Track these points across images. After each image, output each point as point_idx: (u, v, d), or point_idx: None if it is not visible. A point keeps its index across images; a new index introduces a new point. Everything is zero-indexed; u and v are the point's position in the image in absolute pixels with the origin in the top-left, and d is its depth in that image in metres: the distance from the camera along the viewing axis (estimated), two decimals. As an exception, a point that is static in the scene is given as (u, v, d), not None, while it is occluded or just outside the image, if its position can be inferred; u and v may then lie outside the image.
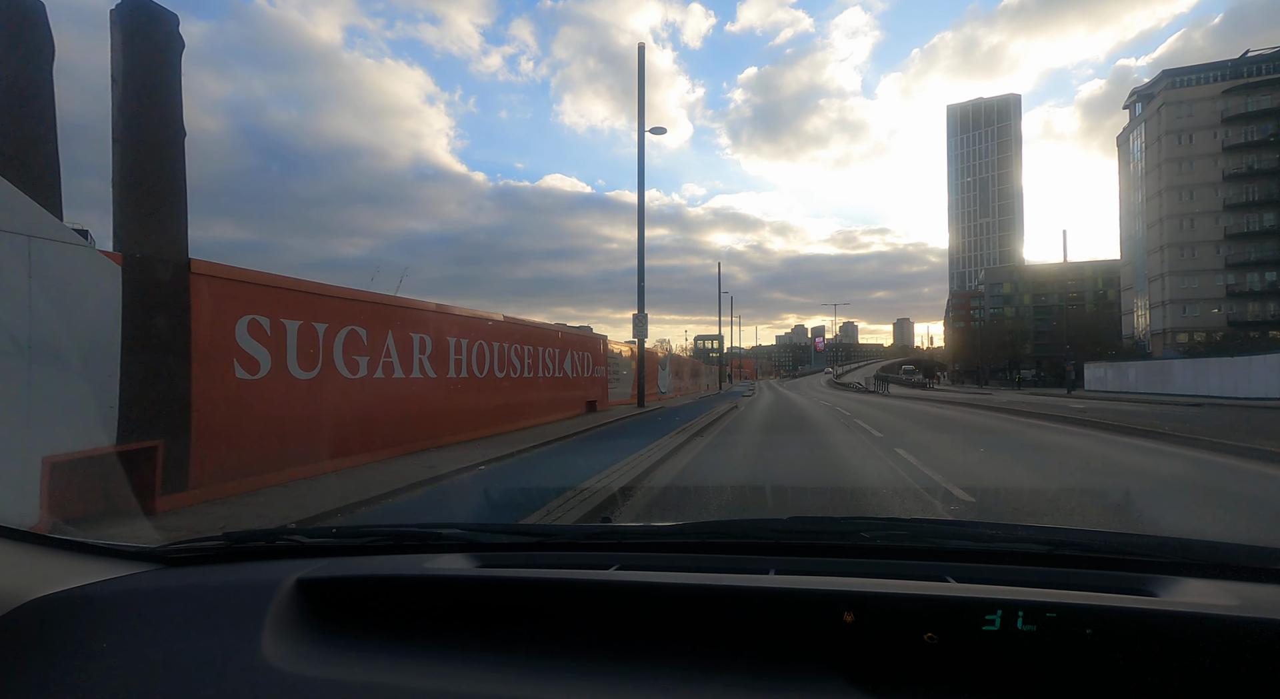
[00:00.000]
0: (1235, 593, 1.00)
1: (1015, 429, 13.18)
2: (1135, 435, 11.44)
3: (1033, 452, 9.50)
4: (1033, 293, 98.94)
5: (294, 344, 6.23)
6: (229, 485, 5.37)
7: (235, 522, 4.55)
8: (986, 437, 11.92)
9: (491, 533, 1.48)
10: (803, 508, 5.65)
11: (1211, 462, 8.32)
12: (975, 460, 8.85)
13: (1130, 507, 5.77)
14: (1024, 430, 12.84)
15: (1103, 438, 11.28)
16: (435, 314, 9.11)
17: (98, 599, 1.18)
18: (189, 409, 5.06)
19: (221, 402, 5.38)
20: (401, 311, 8.29)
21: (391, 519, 4.91)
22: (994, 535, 1.35)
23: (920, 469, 7.48)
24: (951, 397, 33.49)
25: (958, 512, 5.50)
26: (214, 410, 5.28)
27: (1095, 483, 6.93)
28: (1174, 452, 9.35)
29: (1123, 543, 1.33)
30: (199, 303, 5.20)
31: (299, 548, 1.43)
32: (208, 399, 5.23)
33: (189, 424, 5.03)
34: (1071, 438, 11.36)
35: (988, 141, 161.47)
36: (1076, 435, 11.79)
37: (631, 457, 7.99)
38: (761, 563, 1.19)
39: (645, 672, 0.98)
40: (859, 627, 0.99)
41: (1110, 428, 12.70)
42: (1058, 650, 0.94)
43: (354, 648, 1.07)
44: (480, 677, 0.98)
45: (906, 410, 20.39)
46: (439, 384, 8.97)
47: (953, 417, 17.24)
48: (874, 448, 9.63)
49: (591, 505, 5.26)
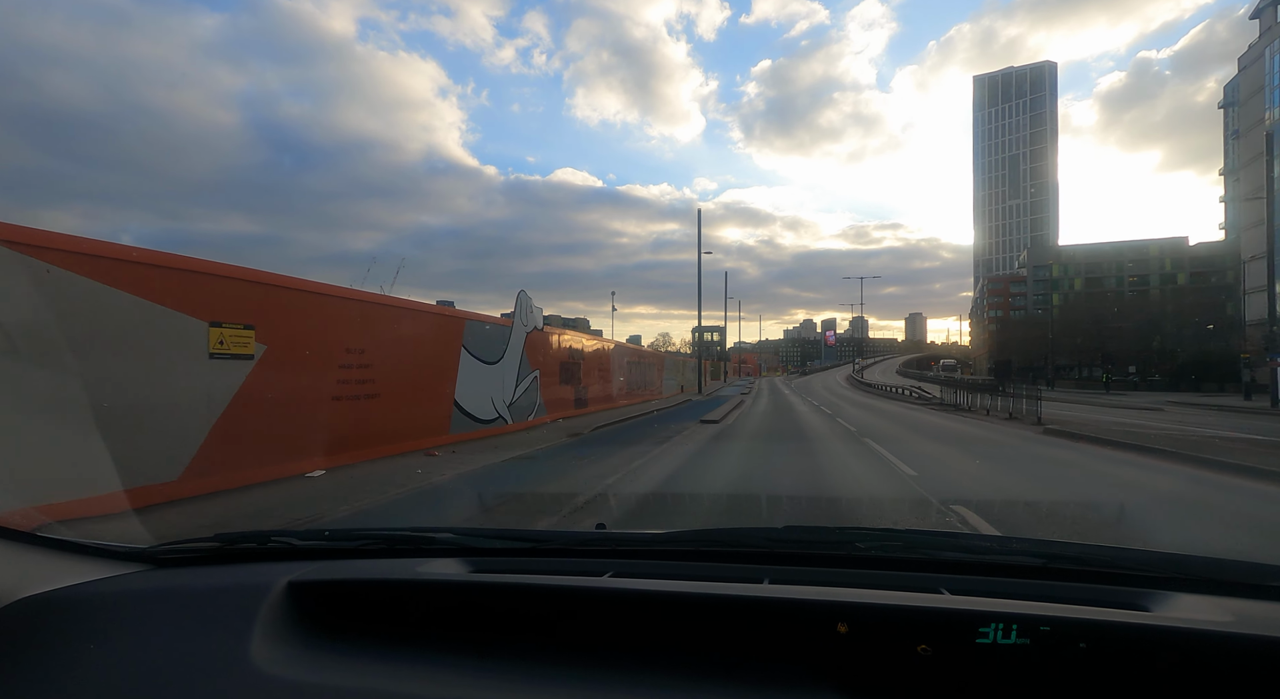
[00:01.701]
0: (1229, 609, 1.01)
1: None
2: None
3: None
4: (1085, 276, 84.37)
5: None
6: None
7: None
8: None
9: (485, 537, 1.50)
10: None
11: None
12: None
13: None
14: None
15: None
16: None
17: (86, 600, 1.17)
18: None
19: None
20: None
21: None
22: (988, 548, 1.40)
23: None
24: (1135, 422, 17.73)
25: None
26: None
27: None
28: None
29: (1117, 557, 1.31)
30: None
31: (291, 550, 1.43)
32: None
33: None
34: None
35: (1019, 115, 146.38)
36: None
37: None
38: (756, 572, 1.22)
39: (637, 680, 0.98)
40: (853, 637, 0.99)
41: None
42: (1051, 664, 0.94)
43: (345, 652, 1.08)
44: (471, 683, 0.98)
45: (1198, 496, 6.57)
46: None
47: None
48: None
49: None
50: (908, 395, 33.03)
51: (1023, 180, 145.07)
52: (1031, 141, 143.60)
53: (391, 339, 9.53)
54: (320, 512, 5.74)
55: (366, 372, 8.78)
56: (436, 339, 11.01)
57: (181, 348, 6.20)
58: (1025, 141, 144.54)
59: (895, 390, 37.99)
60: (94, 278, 5.37)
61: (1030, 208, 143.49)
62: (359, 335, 8.78)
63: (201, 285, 6.44)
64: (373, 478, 7.42)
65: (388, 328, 9.52)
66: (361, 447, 8.57)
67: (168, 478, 5.87)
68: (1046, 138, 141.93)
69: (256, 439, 6.91)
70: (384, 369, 9.13)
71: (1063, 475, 8.51)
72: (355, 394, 8.58)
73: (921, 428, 16.23)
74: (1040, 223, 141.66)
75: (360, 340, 8.75)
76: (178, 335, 6.15)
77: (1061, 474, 8.60)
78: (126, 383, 5.57)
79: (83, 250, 5.35)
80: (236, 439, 6.58)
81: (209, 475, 6.24)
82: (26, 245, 4.91)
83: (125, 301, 5.64)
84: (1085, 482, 8.01)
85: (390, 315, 9.75)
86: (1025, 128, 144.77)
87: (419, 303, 11.57)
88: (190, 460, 6.08)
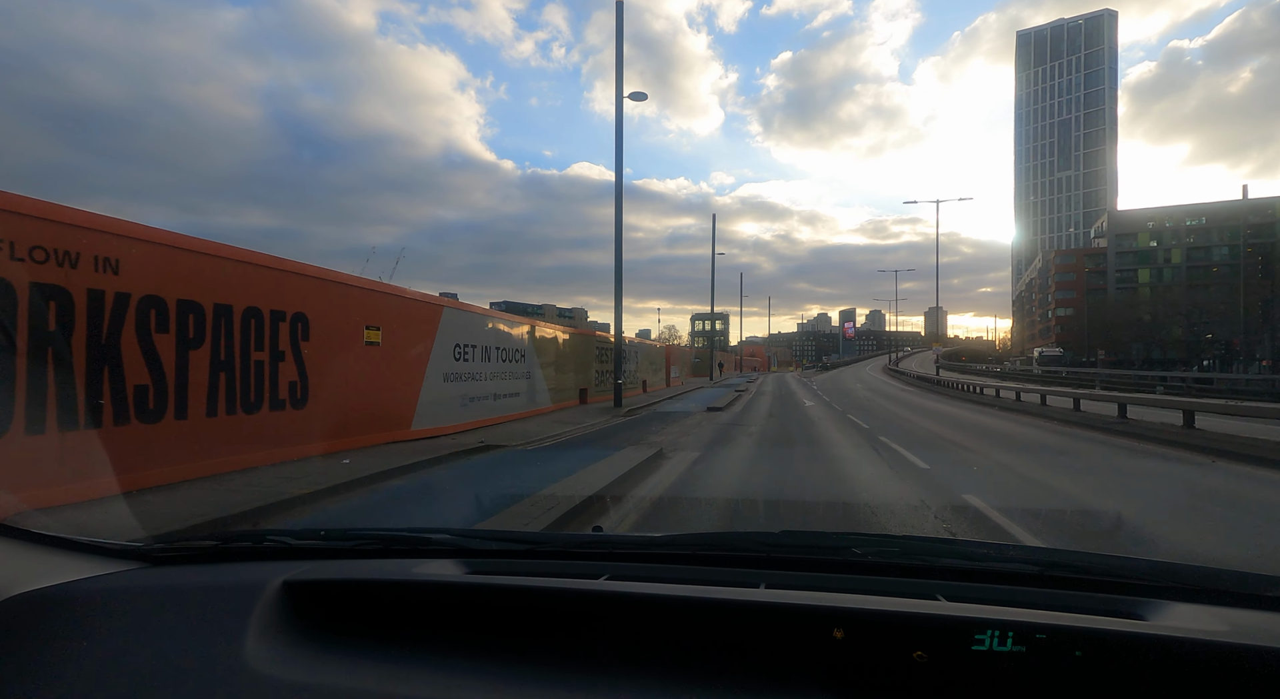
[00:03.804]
0: (1224, 618, 1.01)
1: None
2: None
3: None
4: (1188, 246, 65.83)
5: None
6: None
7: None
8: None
9: (481, 539, 1.48)
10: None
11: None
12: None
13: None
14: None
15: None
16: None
17: (79, 597, 1.16)
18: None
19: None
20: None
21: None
22: (985, 554, 1.38)
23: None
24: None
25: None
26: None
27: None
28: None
29: (1113, 566, 1.29)
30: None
31: (286, 549, 1.41)
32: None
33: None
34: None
35: (1071, 73, 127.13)
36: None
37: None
38: (752, 577, 1.19)
39: (633, 683, 0.97)
40: (849, 643, 0.98)
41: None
42: (1046, 672, 0.93)
43: (339, 652, 1.06)
44: (465, 684, 0.97)
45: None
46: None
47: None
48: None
49: None
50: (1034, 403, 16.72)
51: (1073, 148, 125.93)
52: (1086, 104, 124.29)
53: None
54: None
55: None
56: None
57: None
58: (1078, 104, 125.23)
59: (982, 393, 21.77)
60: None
61: (1083, 180, 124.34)
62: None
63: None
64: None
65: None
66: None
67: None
68: (1105, 98, 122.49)
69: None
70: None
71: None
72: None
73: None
74: (1096, 197, 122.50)
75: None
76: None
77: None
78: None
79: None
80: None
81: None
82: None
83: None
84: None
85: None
86: (1078, 87, 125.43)
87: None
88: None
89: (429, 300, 11.05)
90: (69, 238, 5.15)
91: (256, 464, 6.74)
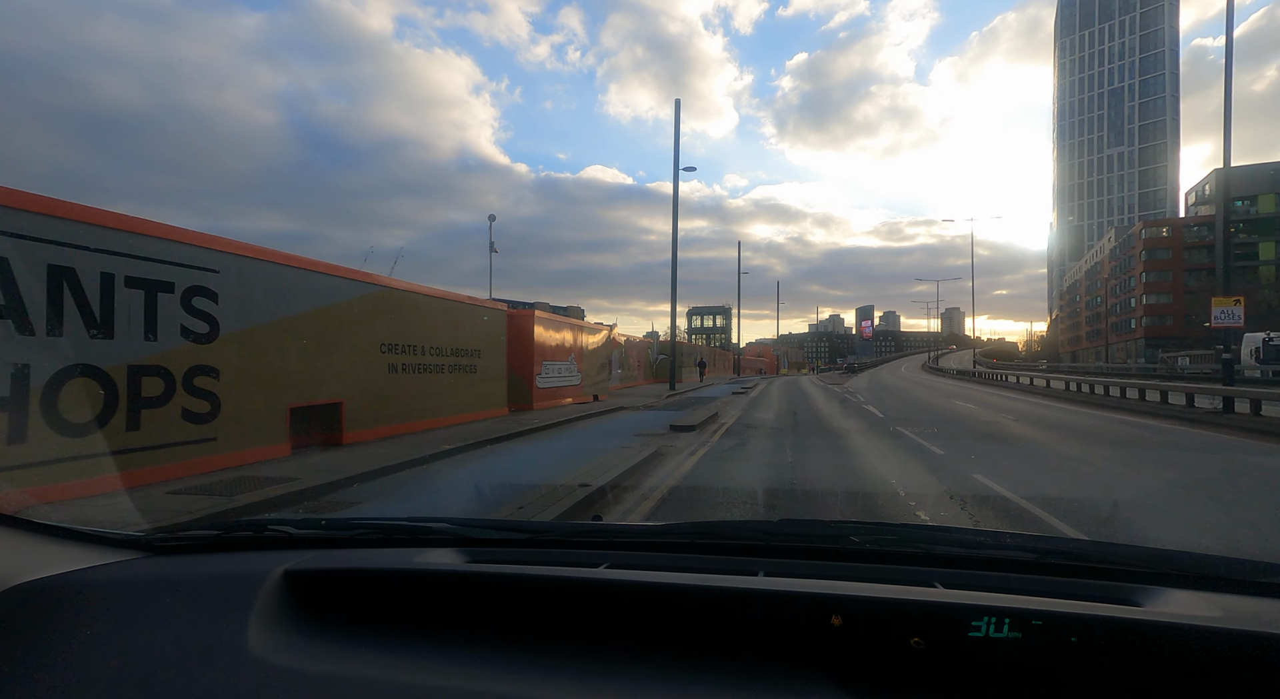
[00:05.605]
0: (1218, 605, 1.01)
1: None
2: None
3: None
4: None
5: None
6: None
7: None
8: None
9: (482, 528, 1.49)
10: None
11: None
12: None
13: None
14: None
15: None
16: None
17: (81, 587, 1.16)
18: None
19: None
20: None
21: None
22: (982, 542, 1.37)
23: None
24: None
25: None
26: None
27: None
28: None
29: (1109, 553, 1.31)
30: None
31: (287, 539, 1.42)
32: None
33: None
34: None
35: (1123, 36, 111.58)
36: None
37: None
38: (750, 564, 1.21)
39: (632, 671, 0.97)
40: (846, 630, 0.99)
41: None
42: (1043, 658, 0.94)
43: (340, 641, 1.07)
44: (466, 672, 0.97)
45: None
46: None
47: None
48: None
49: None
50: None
51: (1125, 121, 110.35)
52: (1141, 70, 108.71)
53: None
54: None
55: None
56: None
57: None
58: (1132, 70, 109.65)
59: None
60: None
61: (1138, 156, 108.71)
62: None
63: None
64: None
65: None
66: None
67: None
68: (1165, 62, 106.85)
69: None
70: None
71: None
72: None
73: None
74: (1153, 176, 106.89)
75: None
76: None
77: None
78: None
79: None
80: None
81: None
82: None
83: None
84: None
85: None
86: (1132, 52, 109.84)
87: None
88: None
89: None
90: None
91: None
